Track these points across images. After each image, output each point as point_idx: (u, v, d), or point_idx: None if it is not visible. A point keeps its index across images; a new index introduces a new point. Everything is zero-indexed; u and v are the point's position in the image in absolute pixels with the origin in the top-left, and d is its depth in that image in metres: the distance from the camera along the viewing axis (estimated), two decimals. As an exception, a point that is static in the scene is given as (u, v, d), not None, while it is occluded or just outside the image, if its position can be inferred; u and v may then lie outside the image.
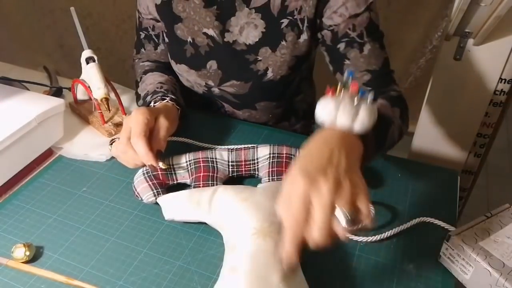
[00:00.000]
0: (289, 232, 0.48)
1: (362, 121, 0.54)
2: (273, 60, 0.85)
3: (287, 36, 0.83)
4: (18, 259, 0.62)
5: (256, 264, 0.57)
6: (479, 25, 0.91)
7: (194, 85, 0.94)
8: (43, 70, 1.08)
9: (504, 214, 0.64)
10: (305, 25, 0.81)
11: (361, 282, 0.61)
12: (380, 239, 0.66)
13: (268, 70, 0.86)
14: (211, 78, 0.90)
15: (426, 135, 1.16)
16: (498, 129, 1.14)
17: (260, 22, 0.83)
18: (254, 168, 0.75)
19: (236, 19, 0.84)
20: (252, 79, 0.88)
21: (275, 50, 0.84)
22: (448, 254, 0.61)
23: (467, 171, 1.18)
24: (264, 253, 0.58)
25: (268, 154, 0.75)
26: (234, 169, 0.75)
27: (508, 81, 1.00)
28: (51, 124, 0.81)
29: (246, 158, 0.75)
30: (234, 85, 0.89)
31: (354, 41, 0.79)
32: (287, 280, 0.55)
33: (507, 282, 0.54)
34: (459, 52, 1.00)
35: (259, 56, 0.85)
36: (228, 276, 0.57)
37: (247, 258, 0.58)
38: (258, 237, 0.59)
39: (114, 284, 0.60)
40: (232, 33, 0.86)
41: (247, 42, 0.85)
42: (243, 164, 0.75)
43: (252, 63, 0.86)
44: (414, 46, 1.89)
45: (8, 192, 0.75)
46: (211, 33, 0.86)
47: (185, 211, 0.68)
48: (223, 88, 0.91)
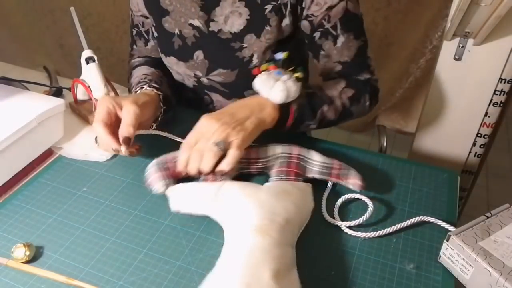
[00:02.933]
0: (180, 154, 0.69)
1: (274, 93, 0.72)
2: (258, 46, 0.86)
3: (271, 21, 0.85)
4: (18, 259, 0.62)
5: (251, 259, 0.58)
6: (479, 25, 0.91)
7: (185, 77, 0.96)
8: (43, 70, 1.08)
9: (504, 214, 0.64)
10: (288, 9, 0.84)
11: (361, 282, 0.61)
12: (378, 236, 0.67)
13: (254, 57, 0.87)
14: (199, 68, 0.92)
15: (426, 135, 1.16)
16: (498, 129, 1.14)
17: (244, 10, 0.85)
18: (263, 166, 0.75)
19: (220, 9, 0.86)
20: (238, 67, 0.89)
21: (259, 35, 0.86)
22: (448, 254, 0.61)
23: (467, 171, 1.18)
24: (260, 250, 0.59)
25: (279, 153, 0.74)
26: (244, 166, 0.74)
27: (508, 81, 1.00)
28: (51, 124, 0.81)
29: (257, 156, 0.74)
30: (221, 73, 0.91)
31: (329, 33, 0.83)
32: (279, 279, 0.56)
33: (507, 282, 0.54)
34: (459, 52, 1.00)
35: (244, 43, 0.87)
36: (222, 268, 0.58)
37: (243, 252, 0.59)
38: (257, 234, 0.60)
39: (114, 284, 0.60)
40: (217, 22, 0.87)
41: (232, 30, 0.87)
42: (253, 161, 0.74)
43: (238, 51, 0.88)
44: (414, 46, 1.89)
45: (8, 192, 0.75)
46: (197, 23, 0.88)
47: (191, 203, 0.69)
48: (211, 78, 0.93)
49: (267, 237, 0.60)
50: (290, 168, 0.73)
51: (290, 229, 0.64)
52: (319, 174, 0.73)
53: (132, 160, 0.81)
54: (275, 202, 0.65)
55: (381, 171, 0.79)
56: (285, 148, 0.74)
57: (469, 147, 1.14)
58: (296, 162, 0.73)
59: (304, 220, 0.67)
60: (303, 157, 0.74)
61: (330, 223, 0.69)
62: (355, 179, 0.71)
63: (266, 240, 0.59)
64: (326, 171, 0.73)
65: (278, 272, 0.57)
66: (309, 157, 0.74)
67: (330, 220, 0.69)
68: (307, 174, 0.73)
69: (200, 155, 0.68)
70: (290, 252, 0.61)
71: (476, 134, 1.11)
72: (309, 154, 0.74)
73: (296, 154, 0.74)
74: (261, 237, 0.60)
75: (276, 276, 0.56)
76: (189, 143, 0.69)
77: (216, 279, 0.57)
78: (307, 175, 0.73)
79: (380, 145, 1.22)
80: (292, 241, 0.64)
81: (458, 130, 1.12)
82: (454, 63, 1.02)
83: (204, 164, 0.67)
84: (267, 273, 0.56)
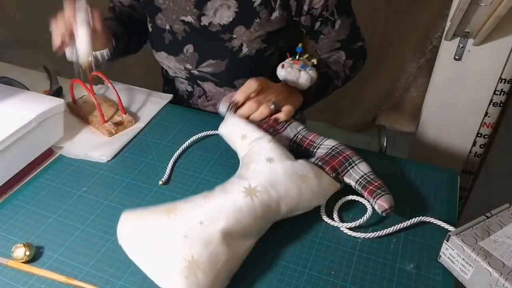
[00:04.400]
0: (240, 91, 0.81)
1: (302, 83, 0.85)
2: (247, 36, 0.91)
3: (261, 14, 0.89)
4: (18, 259, 0.62)
5: (220, 206, 0.61)
6: (479, 25, 0.91)
7: (176, 71, 1.00)
8: (43, 70, 1.08)
9: (504, 214, 0.64)
10: (277, 3, 0.89)
11: (361, 282, 0.61)
12: (378, 236, 0.67)
13: (243, 46, 0.92)
14: (189, 61, 0.96)
15: (426, 135, 1.16)
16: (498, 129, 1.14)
17: (233, 3, 0.89)
18: (312, 150, 0.76)
19: (211, 3, 0.90)
20: (228, 56, 0.93)
21: (249, 27, 0.90)
22: (448, 254, 0.61)
23: (467, 171, 1.18)
24: (233, 206, 0.61)
25: (332, 146, 0.75)
26: (298, 140, 0.78)
27: (508, 81, 1.00)
28: (51, 124, 0.81)
29: (313, 139, 0.78)
30: (211, 64, 0.95)
31: (328, 20, 0.94)
32: (228, 238, 0.58)
33: (507, 282, 0.54)
34: (459, 52, 1.00)
35: (234, 34, 0.91)
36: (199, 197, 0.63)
37: (221, 197, 0.62)
38: (244, 192, 0.62)
39: (114, 284, 0.60)
40: (208, 16, 0.91)
41: (221, 22, 0.90)
42: (307, 141, 0.78)
43: (227, 41, 0.92)
44: (414, 46, 1.89)
45: (8, 192, 0.75)
46: (189, 19, 0.92)
47: (233, 135, 0.77)
48: (201, 69, 0.96)
49: (247, 200, 0.62)
50: (332, 161, 0.72)
51: (277, 208, 0.64)
52: (356, 182, 0.70)
53: (132, 160, 0.81)
54: (283, 178, 0.65)
55: (381, 171, 0.79)
56: (340, 147, 0.74)
57: (469, 147, 1.14)
58: (341, 160, 0.72)
59: (300, 209, 0.67)
60: (351, 161, 0.72)
61: (329, 224, 0.69)
62: (383, 201, 0.67)
63: (244, 202, 0.61)
64: (364, 183, 0.70)
65: (231, 233, 0.59)
66: (357, 163, 0.72)
67: (329, 222, 0.69)
68: (345, 177, 0.71)
69: (257, 106, 0.80)
70: (258, 226, 0.63)
71: (476, 134, 1.11)
72: (359, 162, 0.72)
73: (347, 154, 0.73)
74: (242, 197, 0.62)
75: (227, 234, 0.58)
76: (251, 86, 0.80)
77: (186, 202, 0.62)
78: (345, 178, 0.71)
79: (380, 145, 1.21)
80: (271, 218, 0.65)
81: (458, 130, 1.11)
82: (454, 63, 1.02)
83: (257, 115, 0.80)
84: (221, 225, 0.58)
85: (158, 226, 0.60)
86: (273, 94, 0.83)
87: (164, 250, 0.58)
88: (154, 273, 0.58)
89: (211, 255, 0.57)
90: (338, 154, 0.73)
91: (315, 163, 0.72)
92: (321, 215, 0.70)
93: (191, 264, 0.56)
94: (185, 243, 0.57)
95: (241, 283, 0.61)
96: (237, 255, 0.59)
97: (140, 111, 0.95)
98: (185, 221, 0.59)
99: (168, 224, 0.60)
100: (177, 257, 0.56)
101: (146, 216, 0.62)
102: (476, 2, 0.86)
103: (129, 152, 0.84)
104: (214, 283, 0.56)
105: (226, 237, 0.58)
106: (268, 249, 0.65)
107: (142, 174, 0.78)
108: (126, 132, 0.88)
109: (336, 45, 0.99)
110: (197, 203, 0.62)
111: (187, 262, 0.56)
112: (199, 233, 0.58)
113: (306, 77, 0.84)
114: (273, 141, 0.72)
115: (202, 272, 0.55)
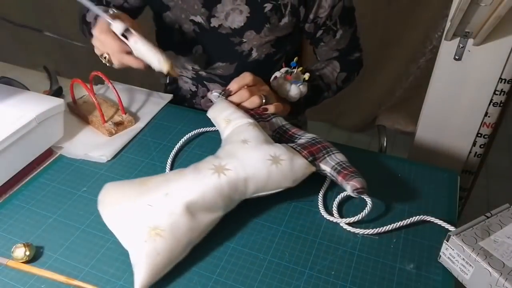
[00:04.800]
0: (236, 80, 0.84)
1: (291, 96, 0.89)
2: (257, 41, 0.91)
3: (271, 19, 0.89)
4: (18, 259, 0.62)
5: (189, 180, 0.64)
6: (479, 25, 0.91)
7: (182, 70, 1.00)
8: (43, 70, 1.08)
9: (504, 214, 0.64)
10: (287, 10, 0.89)
11: (361, 282, 0.61)
12: (378, 233, 0.67)
13: (253, 50, 0.92)
14: (197, 62, 0.96)
15: (426, 135, 1.16)
16: (498, 129, 1.14)
17: (245, 8, 0.89)
18: (293, 140, 0.78)
19: (222, 6, 0.89)
20: (237, 60, 0.94)
21: (259, 32, 0.90)
22: (448, 254, 0.61)
23: (467, 171, 1.18)
24: (201, 181, 0.64)
25: (313, 137, 0.77)
26: (281, 131, 0.81)
27: (508, 81, 1.00)
28: (51, 124, 0.81)
29: (296, 132, 0.80)
30: (220, 66, 0.95)
31: (330, 29, 0.95)
32: (190, 210, 0.62)
33: (507, 282, 0.54)
34: (459, 52, 1.00)
35: (244, 38, 0.91)
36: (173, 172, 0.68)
37: (190, 171, 0.66)
38: (213, 169, 0.65)
39: (114, 284, 0.60)
40: (218, 18, 0.91)
41: (232, 26, 0.91)
42: (290, 133, 0.80)
43: (237, 45, 0.92)
44: (414, 46, 1.89)
45: (8, 192, 0.75)
46: (198, 19, 0.92)
47: (219, 118, 0.79)
48: (209, 71, 0.97)
49: (215, 177, 0.64)
50: (310, 147, 0.74)
51: (244, 187, 0.66)
52: (331, 168, 0.72)
53: (132, 160, 0.81)
54: (254, 159, 0.67)
55: (381, 171, 0.79)
56: (321, 139, 0.77)
57: (469, 147, 1.14)
58: (320, 147, 0.74)
59: (268, 190, 0.68)
60: (329, 150, 0.75)
61: (329, 222, 0.69)
62: (355, 182, 0.68)
63: (211, 179, 0.64)
64: (339, 169, 0.71)
65: (194, 206, 0.62)
66: (335, 153, 0.74)
67: (328, 218, 0.69)
68: (322, 164, 0.73)
69: (249, 95, 0.82)
70: (224, 202, 0.65)
71: (476, 134, 1.11)
72: (337, 152, 0.75)
73: (326, 144, 0.76)
74: (210, 173, 0.65)
75: (190, 206, 0.62)
76: (246, 78, 0.84)
77: (160, 176, 0.67)
78: (321, 164, 0.73)
79: (380, 145, 1.21)
80: (238, 196, 0.67)
81: (458, 130, 1.11)
82: (454, 63, 1.02)
83: (248, 104, 0.82)
84: (185, 198, 0.62)
85: (130, 196, 0.65)
86: (266, 90, 0.86)
87: (132, 217, 0.62)
88: (122, 238, 0.63)
89: (172, 224, 0.61)
90: (318, 143, 0.76)
91: (293, 147, 0.74)
92: (320, 211, 0.70)
93: (153, 230, 0.60)
94: (149, 211, 0.62)
95: (241, 283, 0.61)
96: (199, 227, 0.63)
97: (140, 111, 0.95)
98: (153, 192, 0.64)
99: (138, 194, 0.64)
100: (141, 223, 0.61)
101: (123, 186, 0.67)
102: (476, 2, 0.86)
103: (129, 152, 0.84)
104: (173, 250, 0.60)
105: (189, 209, 0.62)
106: (268, 249, 0.65)
107: (142, 174, 0.78)
108: (126, 132, 0.88)
109: (334, 54, 1.01)
110: (167, 177, 0.66)
111: (149, 228, 0.60)
112: (163, 204, 0.62)
113: (296, 91, 0.89)
114: (254, 125, 0.75)
115: (162, 238, 0.60)
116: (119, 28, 0.77)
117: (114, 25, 0.77)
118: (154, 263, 0.58)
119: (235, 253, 0.65)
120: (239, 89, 0.84)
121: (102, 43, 0.79)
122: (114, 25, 0.77)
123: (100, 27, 0.79)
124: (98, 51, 0.82)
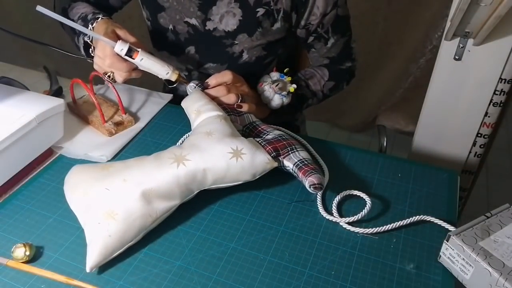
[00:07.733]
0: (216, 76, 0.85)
1: (273, 104, 0.90)
2: (248, 44, 0.92)
3: (263, 23, 0.90)
4: (18, 259, 0.62)
5: (150, 167, 0.66)
6: (479, 25, 0.91)
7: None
8: (43, 70, 1.08)
9: (504, 214, 0.64)
10: (280, 15, 0.89)
11: (361, 282, 0.61)
12: (377, 232, 0.67)
13: (244, 52, 0.93)
14: (190, 62, 0.97)
15: (426, 135, 1.16)
16: (498, 129, 1.14)
17: (238, 11, 0.89)
18: (262, 136, 0.80)
19: (217, 8, 0.90)
20: (228, 61, 0.95)
21: (251, 35, 0.91)
22: (448, 254, 0.61)
23: (467, 171, 1.18)
24: (159, 170, 0.66)
25: (280, 133, 0.78)
26: (251, 127, 0.82)
27: (508, 81, 1.00)
28: (51, 124, 0.81)
29: (265, 128, 0.81)
30: (211, 67, 0.96)
31: (321, 36, 0.95)
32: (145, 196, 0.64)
33: (507, 282, 0.54)
34: (459, 52, 1.00)
35: (236, 41, 0.92)
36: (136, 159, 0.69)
37: (151, 159, 0.68)
38: (173, 162, 0.67)
39: (114, 284, 0.60)
40: (213, 21, 0.91)
41: (226, 29, 0.91)
42: (259, 129, 0.81)
43: (228, 46, 0.93)
44: (414, 46, 1.89)
45: (8, 192, 0.76)
46: (193, 22, 0.92)
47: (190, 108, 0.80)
48: (201, 71, 0.98)
49: (173, 166, 0.66)
50: (276, 143, 0.75)
51: (202, 178, 0.68)
52: (293, 165, 0.73)
53: (132, 160, 0.81)
54: (214, 151, 0.68)
55: (381, 171, 0.79)
56: (288, 136, 0.79)
57: (469, 147, 1.14)
58: (285, 144, 0.75)
59: (226, 182, 0.70)
60: (294, 147, 0.75)
61: (329, 222, 0.69)
62: (313, 178, 0.69)
63: (170, 168, 0.66)
64: (301, 165, 0.72)
65: (150, 193, 0.64)
66: (299, 150, 0.75)
67: (328, 217, 0.69)
68: (285, 160, 0.74)
69: (226, 92, 0.83)
70: (181, 191, 0.67)
71: (476, 134, 1.11)
72: (301, 150, 0.76)
73: (291, 142, 0.76)
74: (169, 163, 0.67)
75: (146, 193, 0.64)
76: (226, 75, 0.84)
77: (122, 162, 0.69)
78: (285, 160, 0.74)
79: (380, 145, 1.21)
80: (196, 186, 0.68)
81: (458, 130, 1.11)
82: (454, 63, 1.02)
83: (224, 99, 0.83)
84: (141, 185, 0.64)
85: (91, 179, 0.67)
86: (245, 90, 0.87)
87: (90, 199, 0.65)
88: (81, 218, 0.65)
89: (126, 208, 0.63)
90: (283, 140, 0.77)
91: (259, 142, 0.74)
92: (320, 211, 0.70)
93: (107, 213, 0.63)
94: (106, 195, 0.64)
95: (241, 283, 0.61)
96: (154, 213, 0.65)
97: (140, 111, 0.95)
98: (113, 177, 0.66)
99: (99, 178, 0.67)
100: (98, 206, 0.64)
101: (88, 169, 0.70)
102: (476, 2, 0.86)
103: (129, 152, 0.84)
104: (125, 234, 0.62)
105: (145, 195, 0.64)
106: (268, 249, 0.65)
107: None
108: (126, 132, 0.88)
109: (325, 61, 1.01)
110: (128, 164, 0.68)
111: (104, 211, 0.63)
112: (120, 188, 0.64)
113: (279, 102, 0.90)
114: (223, 118, 0.76)
115: (115, 221, 0.62)
116: (123, 50, 0.78)
117: (117, 47, 0.78)
118: (106, 245, 0.61)
119: (235, 253, 0.65)
120: (217, 85, 0.84)
121: (109, 66, 0.79)
122: (117, 47, 0.78)
123: (102, 50, 0.79)
124: (100, 70, 0.82)
